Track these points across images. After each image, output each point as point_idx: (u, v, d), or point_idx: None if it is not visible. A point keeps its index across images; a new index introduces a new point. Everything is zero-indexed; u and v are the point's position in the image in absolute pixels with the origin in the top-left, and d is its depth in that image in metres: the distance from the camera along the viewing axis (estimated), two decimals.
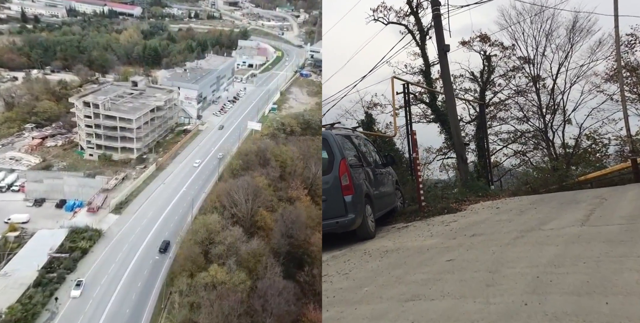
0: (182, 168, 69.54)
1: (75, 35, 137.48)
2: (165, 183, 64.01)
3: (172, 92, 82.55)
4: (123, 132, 69.28)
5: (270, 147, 69.53)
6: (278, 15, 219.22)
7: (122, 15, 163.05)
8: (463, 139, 59.22)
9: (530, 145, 60.28)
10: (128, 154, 70.10)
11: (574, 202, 19.48)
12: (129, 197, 58.64)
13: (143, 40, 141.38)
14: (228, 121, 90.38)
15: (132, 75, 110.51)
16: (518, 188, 37.15)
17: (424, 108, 60.34)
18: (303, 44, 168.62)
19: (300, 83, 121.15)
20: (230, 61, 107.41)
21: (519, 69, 58.63)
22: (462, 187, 32.31)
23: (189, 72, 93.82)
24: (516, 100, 60.07)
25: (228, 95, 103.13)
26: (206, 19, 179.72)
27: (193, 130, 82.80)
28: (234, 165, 65.07)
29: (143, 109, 72.55)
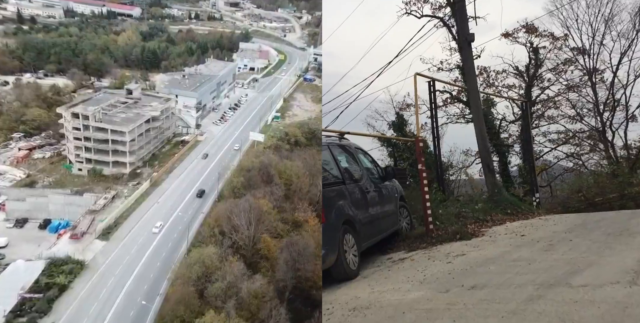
0: (179, 184, 63.48)
1: (72, 36, 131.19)
2: (159, 203, 57.97)
3: (170, 100, 76.45)
4: (115, 145, 63.23)
5: (273, 162, 63.55)
6: (280, 17, 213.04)
7: (121, 16, 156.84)
8: (506, 141, 53.41)
9: (586, 146, 52.87)
10: (120, 168, 64.07)
11: (626, 231, 14.22)
12: (118, 220, 52.61)
13: (142, 42, 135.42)
14: (228, 131, 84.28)
15: (129, 80, 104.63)
16: (568, 197, 32.69)
17: (462, 107, 53.82)
18: (306, 47, 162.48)
19: (304, 88, 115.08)
20: (231, 66, 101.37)
21: (572, 62, 50.96)
22: (487, 202, 26.50)
23: (187, 78, 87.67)
24: (567, 97, 52.66)
25: (229, 101, 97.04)
26: (207, 20, 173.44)
27: (191, 141, 76.73)
28: (234, 182, 59.08)
29: (137, 119, 66.46)
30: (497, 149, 51.21)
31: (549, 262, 12.01)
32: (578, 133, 52.53)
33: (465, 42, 28.74)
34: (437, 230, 19.74)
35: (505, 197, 27.63)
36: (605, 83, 50.24)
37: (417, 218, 22.95)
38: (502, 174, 51.37)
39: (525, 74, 53.38)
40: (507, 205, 25.57)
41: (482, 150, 30.90)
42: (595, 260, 11.51)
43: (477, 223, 21.38)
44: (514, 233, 17.40)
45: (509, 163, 52.34)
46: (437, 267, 14.11)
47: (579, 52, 50.70)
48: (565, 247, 13.45)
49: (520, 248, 14.59)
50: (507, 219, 22.21)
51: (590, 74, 49.84)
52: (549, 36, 52.03)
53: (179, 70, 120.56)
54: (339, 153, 17.41)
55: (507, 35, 53.44)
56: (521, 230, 17.64)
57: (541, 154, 54.69)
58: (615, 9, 47.48)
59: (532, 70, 52.87)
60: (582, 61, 51.06)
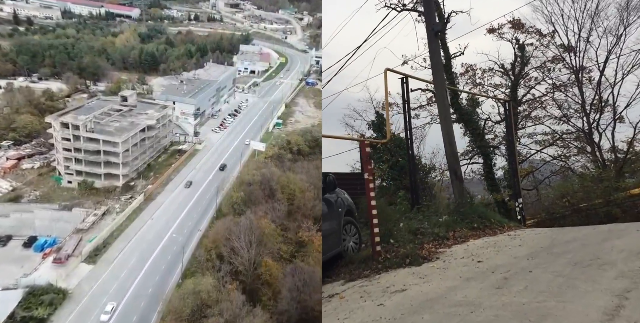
0: (175, 198, 59.09)
1: (69, 38, 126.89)
2: (153, 219, 53.62)
3: (167, 107, 72.04)
4: (107, 156, 58.85)
5: (275, 175, 59.16)
6: (281, 18, 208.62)
7: (119, 17, 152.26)
8: (491, 142, 50.74)
9: (573, 148, 49.75)
10: (113, 180, 59.70)
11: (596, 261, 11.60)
12: (108, 240, 48.25)
13: (140, 44, 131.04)
14: (228, 138, 79.91)
15: (125, 84, 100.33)
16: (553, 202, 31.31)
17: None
18: (307, 49, 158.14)
19: (307, 93, 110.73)
20: (231, 71, 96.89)
21: (560, 60, 47.67)
22: (453, 214, 23.24)
23: (185, 84, 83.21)
24: (552, 97, 49.55)
25: (229, 107, 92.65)
26: (206, 22, 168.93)
27: (189, 150, 72.34)
28: (234, 197, 54.71)
29: (132, 129, 62.06)
30: (481, 151, 48.95)
31: (496, 309, 10.06)
32: (565, 134, 49.28)
33: (432, 32, 25.55)
34: (387, 253, 17.61)
35: (474, 208, 24.43)
36: (592, 82, 46.61)
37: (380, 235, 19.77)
38: (487, 177, 49.24)
39: (511, 72, 50.60)
40: (475, 218, 22.58)
41: (448, 154, 27.45)
42: (552, 307, 9.47)
43: (435, 241, 18.98)
44: (471, 257, 15.53)
45: (494, 165, 49.80)
46: (364, 311, 12.31)
47: (565, 49, 47.15)
48: (522, 282, 11.55)
49: (470, 282, 12.85)
50: (472, 235, 19.77)
51: (577, 72, 46.26)
52: (536, 33, 49.03)
53: (177, 73, 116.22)
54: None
55: (492, 31, 50.69)
56: (481, 253, 15.88)
57: (527, 156, 51.75)
58: (602, 3, 43.89)
59: (518, 68, 50.12)
60: (569, 59, 47.56)
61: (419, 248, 17.79)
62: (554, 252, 14.03)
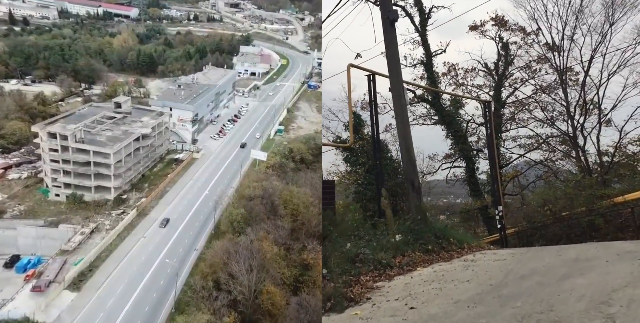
0: (170, 213, 54.54)
1: (65, 38, 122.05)
2: (145, 237, 49.16)
3: (163, 114, 67.43)
4: (98, 168, 54.33)
5: (278, 190, 54.77)
6: (282, 18, 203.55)
7: (117, 16, 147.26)
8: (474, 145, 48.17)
9: (558, 152, 46.69)
10: (103, 193, 55.18)
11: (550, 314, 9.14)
12: (95, 262, 43.78)
13: (138, 44, 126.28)
14: (227, 146, 75.36)
15: (122, 87, 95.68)
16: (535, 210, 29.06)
17: (429, 107, 48.81)
18: (309, 50, 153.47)
19: (309, 96, 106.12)
20: (231, 74, 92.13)
21: (546, 60, 44.60)
22: (407, 233, 19.58)
23: (183, 89, 78.53)
24: (536, 99, 46.66)
25: (228, 112, 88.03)
26: (206, 22, 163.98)
27: (187, 159, 67.80)
28: (234, 214, 50.23)
29: (125, 138, 57.50)
30: (463, 154, 46.24)
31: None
32: (550, 137, 46.03)
33: (387, 21, 22.47)
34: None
35: (430, 226, 20.93)
36: (578, 83, 42.91)
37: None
38: (469, 182, 46.64)
39: (495, 72, 47.54)
40: (430, 238, 19.22)
41: (405, 163, 23.83)
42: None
43: (377, 271, 16.19)
44: (407, 299, 12.84)
45: (476, 169, 47.08)
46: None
47: (548, 48, 43.63)
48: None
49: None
50: (422, 262, 17.10)
51: (561, 72, 42.52)
52: (520, 31, 45.80)
53: (176, 75, 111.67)
54: None
55: (474, 28, 47.61)
56: (420, 293, 13.27)
57: (510, 160, 48.79)
58: (586, 0, 40.18)
59: (502, 67, 47.08)
60: (553, 59, 43.87)
61: (354, 281, 14.82)
62: (503, 295, 11.31)
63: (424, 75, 47.21)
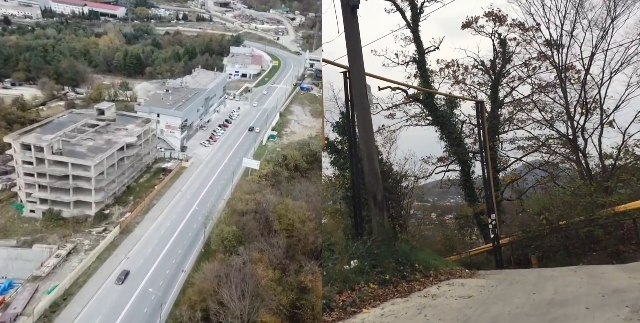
0: (156, 229, 49.97)
1: (49, 39, 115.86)
2: (128, 258, 44.58)
3: (150, 121, 62.55)
4: (77, 181, 49.49)
5: (272, 203, 50.47)
6: (272, 18, 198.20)
7: (103, 16, 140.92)
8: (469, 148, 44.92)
9: (558, 155, 43.32)
10: (84, 209, 50.34)
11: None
12: (70, 289, 39.10)
13: (125, 45, 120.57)
14: (218, 153, 70.74)
15: (107, 89, 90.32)
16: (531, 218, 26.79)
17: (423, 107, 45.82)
18: (301, 51, 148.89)
19: (302, 99, 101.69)
20: (221, 78, 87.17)
21: (545, 57, 41.15)
22: (364, 258, 16.34)
23: (171, 93, 73.53)
24: (532, 99, 43.31)
25: (219, 117, 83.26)
26: (195, 21, 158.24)
27: (175, 168, 63.07)
28: (225, 232, 45.84)
29: (108, 148, 52.66)
30: (458, 157, 43.33)
31: None
32: (550, 139, 42.48)
33: (348, 7, 20.21)
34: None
35: (393, 249, 17.27)
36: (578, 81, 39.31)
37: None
38: (464, 186, 43.93)
39: (491, 71, 44.34)
40: (390, 264, 15.66)
41: (367, 172, 20.59)
42: None
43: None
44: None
45: (472, 173, 44.14)
46: None
47: (546, 44, 40.13)
48: None
49: None
50: (372, 299, 13.75)
51: (560, 70, 38.92)
52: (518, 26, 42.29)
53: (164, 77, 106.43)
54: None
55: (467, 25, 44.43)
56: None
57: (508, 163, 45.78)
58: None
59: (499, 66, 43.81)
60: (551, 55, 40.17)
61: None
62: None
63: (417, 74, 44.25)
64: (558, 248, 22.97)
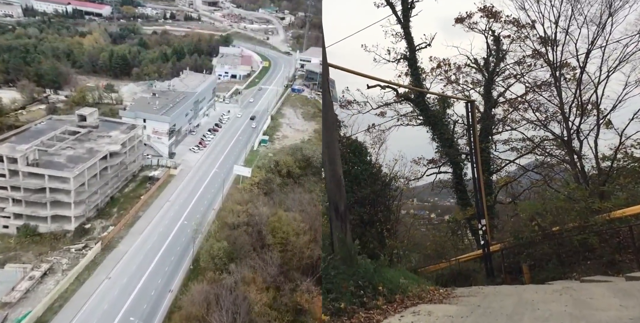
0: (141, 244, 46.19)
1: (30, 38, 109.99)
2: (110, 278, 40.77)
3: (135, 128, 58.44)
4: (55, 194, 45.43)
5: (264, 216, 47.06)
6: (261, 17, 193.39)
7: (88, 15, 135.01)
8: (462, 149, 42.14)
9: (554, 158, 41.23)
10: (62, 223, 46.30)
11: None
12: (44, 317, 35.16)
13: (111, 44, 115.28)
14: (208, 159, 66.90)
15: (91, 92, 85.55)
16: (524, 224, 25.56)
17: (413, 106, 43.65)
18: (291, 51, 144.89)
19: (293, 102, 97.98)
20: (210, 80, 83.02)
21: (541, 55, 38.72)
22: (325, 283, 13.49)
23: (158, 97, 69.35)
24: (526, 99, 41.15)
25: (208, 121, 79.24)
26: (183, 20, 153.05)
27: (163, 176, 59.09)
28: (215, 249, 42.31)
29: (90, 158, 48.63)
30: (450, 159, 41.37)
31: None
32: (545, 141, 40.48)
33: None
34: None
35: (353, 269, 14.22)
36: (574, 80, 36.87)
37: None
38: (457, 189, 41.92)
39: (485, 69, 42.22)
40: (349, 289, 12.74)
41: (329, 179, 17.29)
42: None
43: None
44: None
45: (464, 175, 41.87)
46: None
47: (540, 41, 37.76)
48: None
49: None
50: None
51: (555, 68, 36.53)
52: (513, 23, 40.00)
53: (152, 78, 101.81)
54: None
55: (460, 20, 42.25)
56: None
57: (502, 165, 43.69)
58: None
59: (493, 64, 41.78)
60: (546, 53, 37.77)
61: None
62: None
63: (409, 72, 42.04)
64: (551, 256, 21.39)
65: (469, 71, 44.10)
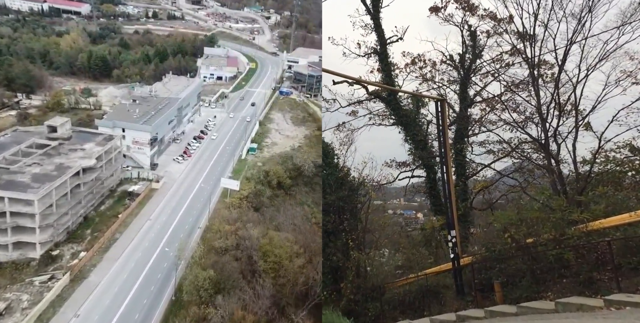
0: (116, 274, 40.16)
1: (3, 38, 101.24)
2: (78, 316, 34.78)
3: (113, 139, 52.02)
4: (17, 218, 39.03)
5: (254, 239, 41.65)
6: (247, 17, 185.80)
7: (66, 13, 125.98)
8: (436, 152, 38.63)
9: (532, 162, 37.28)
10: (26, 251, 39.95)
11: None
12: None
13: (90, 45, 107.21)
14: (193, 171, 60.80)
15: (68, 96, 78.25)
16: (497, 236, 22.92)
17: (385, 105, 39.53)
18: (278, 51, 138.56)
19: (282, 105, 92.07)
20: (195, 85, 76.33)
21: (519, 52, 34.81)
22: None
23: (139, 104, 62.73)
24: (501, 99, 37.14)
25: (193, 127, 72.88)
26: (166, 20, 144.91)
27: (144, 192, 52.87)
28: (200, 279, 36.74)
29: (59, 175, 42.25)
30: (423, 162, 37.53)
31: None
32: (523, 143, 36.59)
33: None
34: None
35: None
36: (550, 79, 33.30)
37: None
38: (430, 194, 38.20)
39: (460, 66, 38.51)
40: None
41: None
42: None
43: None
44: None
45: (438, 179, 37.99)
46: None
47: (518, 36, 33.77)
48: None
49: None
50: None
51: (532, 66, 32.83)
52: (490, 17, 36.26)
53: (133, 80, 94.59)
54: None
55: (435, 10, 38.37)
56: None
57: (476, 171, 40.13)
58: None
59: (469, 61, 38.11)
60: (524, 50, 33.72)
61: None
62: None
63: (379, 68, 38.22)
64: (524, 272, 19.26)
65: (445, 68, 40.48)
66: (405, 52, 39.99)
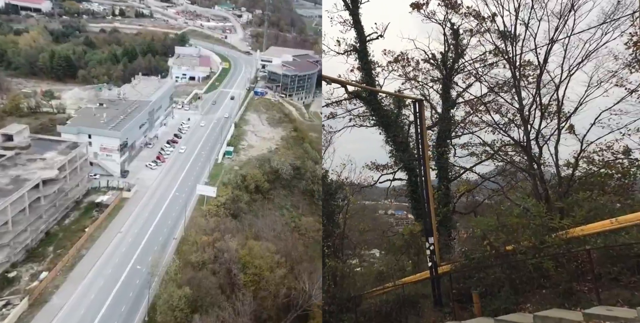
0: (82, 296, 36.28)
1: None
2: None
3: (77, 146, 47.48)
4: None
5: (233, 251, 38.69)
6: (218, 15, 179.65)
7: (25, 10, 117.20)
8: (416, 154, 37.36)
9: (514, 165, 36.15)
10: None
11: None
12: None
13: (52, 44, 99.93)
14: (168, 177, 56.82)
15: (28, 99, 72.06)
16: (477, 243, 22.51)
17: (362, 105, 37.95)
18: (251, 50, 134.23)
19: (257, 106, 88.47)
20: (167, 86, 71.73)
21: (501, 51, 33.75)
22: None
23: (106, 108, 57.97)
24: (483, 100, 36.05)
25: (166, 131, 68.47)
26: (134, 17, 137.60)
27: (113, 202, 48.64)
28: (175, 298, 33.52)
29: (15, 190, 37.79)
30: (405, 164, 37.39)
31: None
32: (506, 145, 35.56)
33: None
34: None
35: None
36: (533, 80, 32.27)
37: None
38: (411, 198, 36.73)
39: (442, 65, 37.09)
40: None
41: None
42: None
43: None
44: None
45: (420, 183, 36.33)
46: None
47: (500, 35, 32.64)
48: None
49: None
50: None
51: (514, 66, 31.94)
52: (474, 15, 35.03)
53: (100, 81, 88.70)
54: None
55: (417, 6, 36.69)
56: None
57: (457, 174, 38.86)
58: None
59: (451, 60, 36.79)
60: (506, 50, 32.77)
61: None
62: None
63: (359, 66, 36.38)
64: (503, 282, 18.60)
65: (426, 68, 38.68)
66: (386, 50, 38.08)
